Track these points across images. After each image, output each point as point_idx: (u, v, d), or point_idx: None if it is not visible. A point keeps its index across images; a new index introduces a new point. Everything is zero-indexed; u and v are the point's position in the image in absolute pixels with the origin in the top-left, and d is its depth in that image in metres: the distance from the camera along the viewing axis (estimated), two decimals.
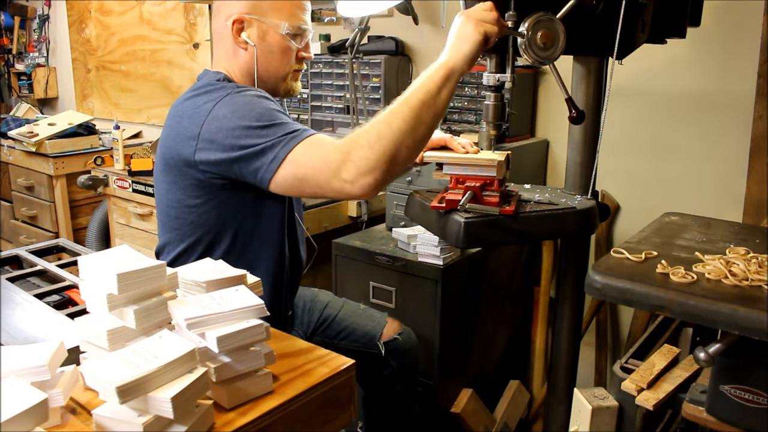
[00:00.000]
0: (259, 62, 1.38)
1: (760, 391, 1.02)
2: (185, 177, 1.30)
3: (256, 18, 1.36)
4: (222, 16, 1.39)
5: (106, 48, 3.97)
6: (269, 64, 1.40)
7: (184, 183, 1.31)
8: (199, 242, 1.35)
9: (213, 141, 1.23)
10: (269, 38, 1.38)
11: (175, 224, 1.37)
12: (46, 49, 4.46)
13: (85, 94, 4.25)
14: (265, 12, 1.36)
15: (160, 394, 0.73)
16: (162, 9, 3.54)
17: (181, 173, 1.31)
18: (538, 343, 2.27)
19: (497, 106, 1.34)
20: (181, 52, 3.50)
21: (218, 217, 1.33)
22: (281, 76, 1.42)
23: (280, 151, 1.18)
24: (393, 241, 1.98)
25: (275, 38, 1.38)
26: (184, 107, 1.32)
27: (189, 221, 1.34)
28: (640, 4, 1.30)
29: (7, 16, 4.46)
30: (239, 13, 1.36)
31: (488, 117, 1.36)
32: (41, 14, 4.40)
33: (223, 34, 1.40)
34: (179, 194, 1.33)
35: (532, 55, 1.21)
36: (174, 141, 1.31)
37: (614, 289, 1.08)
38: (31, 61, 4.50)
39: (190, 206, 1.33)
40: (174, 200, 1.35)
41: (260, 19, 1.36)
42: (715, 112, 1.95)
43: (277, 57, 1.39)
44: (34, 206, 3.48)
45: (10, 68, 4.61)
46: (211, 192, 1.31)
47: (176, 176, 1.32)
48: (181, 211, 1.34)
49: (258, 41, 1.37)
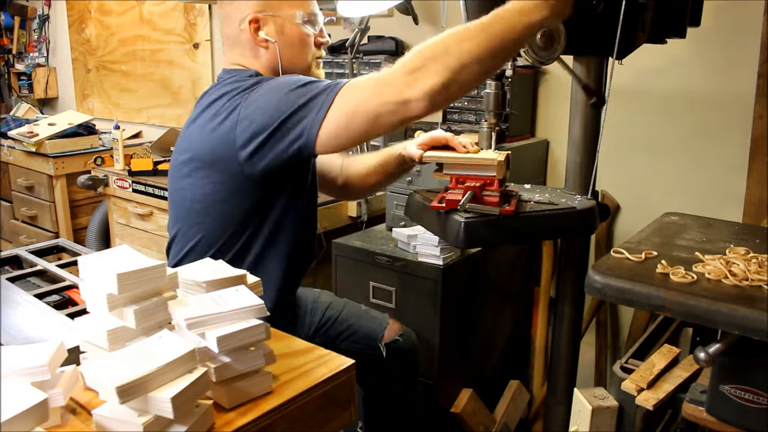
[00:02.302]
0: (283, 56, 1.38)
1: (760, 391, 1.02)
2: (219, 171, 1.29)
3: (270, 14, 1.36)
4: (234, 20, 1.38)
5: (106, 48, 3.97)
6: (293, 57, 1.40)
7: (217, 177, 1.30)
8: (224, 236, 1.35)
9: (252, 119, 1.22)
10: (287, 31, 1.38)
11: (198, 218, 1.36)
12: (46, 49, 4.46)
13: (85, 94, 4.25)
14: (277, 6, 1.37)
15: (160, 394, 0.73)
16: (162, 9, 3.54)
17: (214, 167, 1.30)
18: (538, 343, 2.27)
19: (497, 95, 1.34)
20: (181, 52, 3.50)
21: (245, 214, 1.33)
22: (306, 66, 1.42)
23: (325, 100, 1.17)
24: (393, 241, 1.98)
25: (293, 30, 1.38)
26: (220, 102, 1.30)
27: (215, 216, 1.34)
28: (640, 4, 1.30)
29: (7, 16, 4.46)
30: (253, 13, 1.36)
31: (489, 106, 1.36)
32: (41, 14, 4.40)
33: (239, 38, 1.39)
34: (209, 188, 1.32)
35: (532, 54, 1.21)
36: (210, 134, 1.29)
37: (614, 289, 1.08)
38: (31, 61, 4.50)
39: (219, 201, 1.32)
40: (202, 194, 1.33)
41: (275, 14, 1.37)
42: (715, 112, 1.95)
43: (298, 48, 1.40)
44: (34, 206, 3.48)
45: (10, 68, 4.61)
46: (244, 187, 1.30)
47: (209, 170, 1.31)
48: (209, 206, 1.34)
49: (277, 36, 1.37)
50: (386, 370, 1.66)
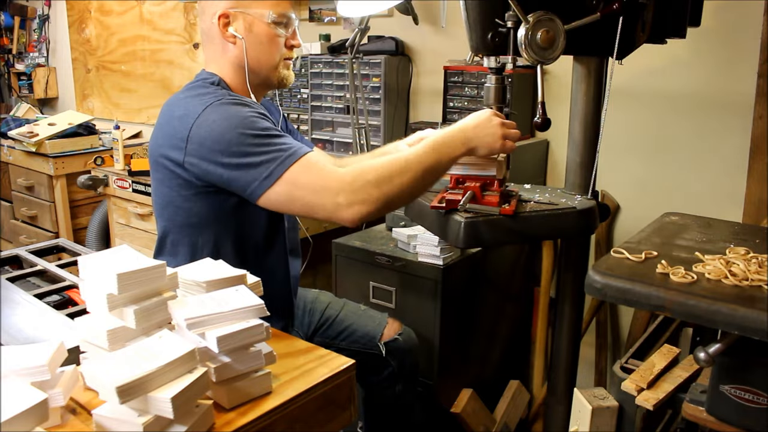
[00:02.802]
0: (249, 54, 1.39)
1: (760, 391, 1.02)
2: (173, 176, 1.32)
3: (240, 11, 1.38)
4: (207, 15, 1.40)
5: (106, 48, 3.97)
6: (260, 55, 1.41)
7: (172, 182, 1.33)
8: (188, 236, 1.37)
9: (202, 145, 1.24)
10: (256, 29, 1.39)
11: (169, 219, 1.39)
12: (46, 49, 4.46)
13: (85, 94, 4.24)
14: (248, 4, 1.38)
15: (160, 394, 0.73)
16: (162, 9, 3.54)
17: (169, 171, 1.32)
18: (538, 343, 2.27)
19: (498, 89, 1.34)
20: (181, 52, 3.50)
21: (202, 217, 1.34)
22: (272, 65, 1.43)
23: (276, 168, 1.20)
24: (393, 241, 1.98)
25: (262, 28, 1.39)
26: (175, 107, 1.33)
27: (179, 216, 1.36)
28: (640, 4, 1.30)
29: (7, 16, 4.46)
30: (223, 9, 1.37)
31: (489, 100, 1.36)
32: (41, 14, 4.40)
33: (210, 33, 1.41)
34: (167, 191, 1.35)
35: (532, 54, 1.21)
36: (163, 140, 1.32)
37: (614, 289, 1.08)
38: (31, 61, 4.50)
39: (178, 204, 1.34)
40: (164, 196, 1.36)
41: (245, 11, 1.38)
42: (715, 112, 1.95)
43: (266, 47, 1.41)
44: (34, 206, 3.48)
45: (10, 68, 4.60)
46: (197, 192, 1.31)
47: (164, 174, 1.33)
48: (173, 207, 1.36)
49: (245, 33, 1.38)
50: (386, 370, 1.66)
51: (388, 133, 2.45)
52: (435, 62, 2.46)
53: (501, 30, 1.25)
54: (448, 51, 2.40)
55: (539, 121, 1.29)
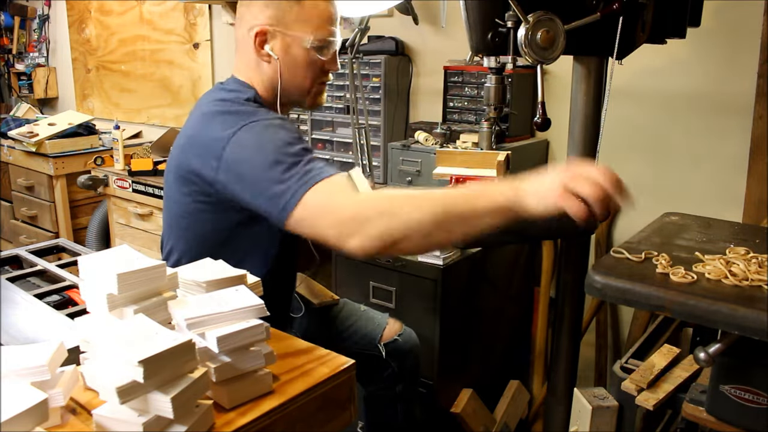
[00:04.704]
0: (283, 76, 1.32)
1: (760, 391, 1.02)
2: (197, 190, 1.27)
3: (280, 30, 1.30)
4: (245, 25, 1.33)
5: (106, 48, 3.97)
6: (294, 78, 1.34)
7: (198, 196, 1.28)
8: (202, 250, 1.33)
9: (232, 170, 1.18)
10: (293, 51, 1.31)
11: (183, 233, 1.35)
12: (46, 49, 4.46)
13: (85, 94, 4.25)
14: (290, 24, 1.30)
15: (160, 394, 0.73)
16: (162, 9, 3.54)
17: (193, 184, 1.27)
18: (538, 343, 2.27)
19: (498, 89, 1.34)
20: (181, 52, 3.50)
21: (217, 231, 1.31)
22: (305, 89, 1.36)
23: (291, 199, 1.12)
24: None
25: (299, 52, 1.31)
26: (209, 123, 1.26)
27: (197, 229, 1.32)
28: (640, 4, 1.30)
29: (7, 16, 4.46)
30: (262, 25, 1.29)
31: (489, 100, 1.36)
32: (41, 14, 4.40)
33: (245, 43, 1.33)
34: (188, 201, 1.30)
35: (532, 54, 1.21)
36: (193, 154, 1.26)
37: (614, 289, 1.08)
38: (31, 61, 4.49)
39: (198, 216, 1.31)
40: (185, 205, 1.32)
41: (284, 31, 1.30)
42: (715, 112, 1.95)
43: (302, 71, 1.33)
44: (34, 206, 3.48)
45: (10, 68, 4.60)
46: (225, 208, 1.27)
47: (189, 187, 1.28)
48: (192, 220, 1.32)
49: (282, 54, 1.31)
50: (386, 371, 1.66)
51: (388, 133, 2.45)
52: (435, 62, 2.46)
53: (501, 30, 1.25)
54: (448, 51, 2.40)
55: (539, 121, 1.29)
